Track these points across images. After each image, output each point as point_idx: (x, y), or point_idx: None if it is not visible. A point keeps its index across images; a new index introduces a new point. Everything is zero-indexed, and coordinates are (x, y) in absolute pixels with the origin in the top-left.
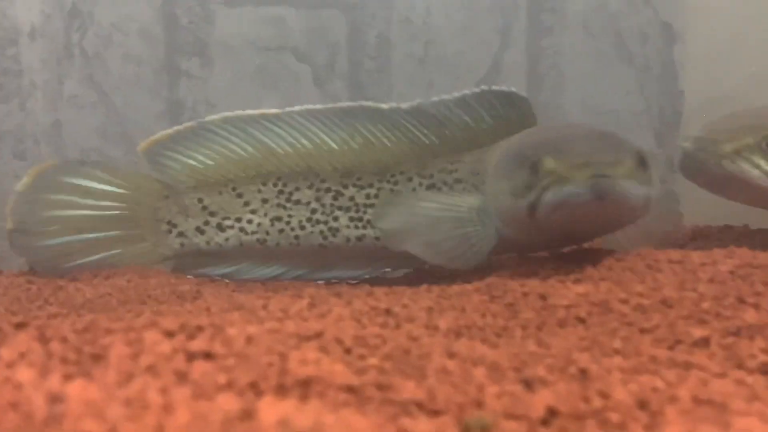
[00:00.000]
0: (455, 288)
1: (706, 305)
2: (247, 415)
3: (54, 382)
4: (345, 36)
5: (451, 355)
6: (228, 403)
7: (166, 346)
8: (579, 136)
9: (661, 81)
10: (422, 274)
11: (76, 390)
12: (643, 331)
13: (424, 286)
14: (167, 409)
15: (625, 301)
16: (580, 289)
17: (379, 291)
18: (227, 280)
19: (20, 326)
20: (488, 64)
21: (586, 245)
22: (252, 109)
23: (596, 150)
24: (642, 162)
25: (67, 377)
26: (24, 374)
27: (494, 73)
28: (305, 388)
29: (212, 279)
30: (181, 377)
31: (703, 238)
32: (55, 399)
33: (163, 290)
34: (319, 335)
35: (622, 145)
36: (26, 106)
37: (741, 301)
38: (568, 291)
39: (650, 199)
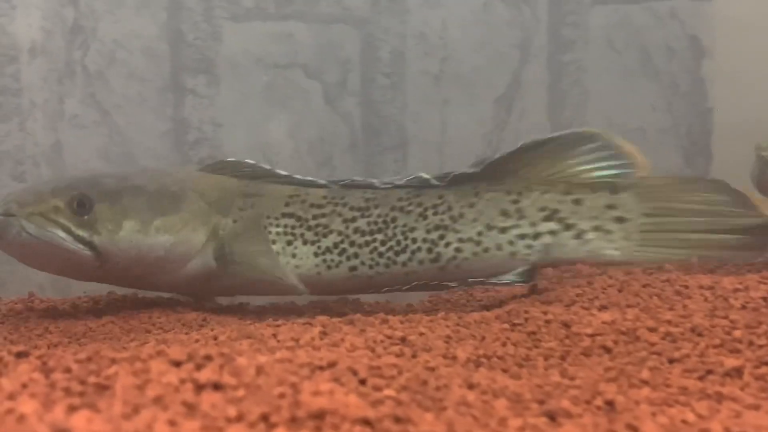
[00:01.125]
0: (474, 315)
1: (738, 333)
2: None
3: (58, 414)
4: (357, 52)
5: (471, 386)
6: None
7: (173, 377)
8: (51, 179)
9: (689, 97)
10: (439, 300)
11: (81, 422)
12: (672, 360)
13: (441, 314)
14: None
15: (653, 330)
16: (605, 316)
17: (394, 319)
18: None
19: (21, 355)
20: (508, 80)
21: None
22: (259, 128)
23: (26, 189)
24: (82, 205)
25: (72, 409)
26: (27, 406)
27: (514, 89)
28: (319, 420)
29: (218, 307)
30: (190, 409)
31: (736, 265)
32: None
33: (167, 318)
34: (332, 365)
35: (66, 186)
36: (26, 126)
37: None
38: (593, 318)
39: (92, 244)
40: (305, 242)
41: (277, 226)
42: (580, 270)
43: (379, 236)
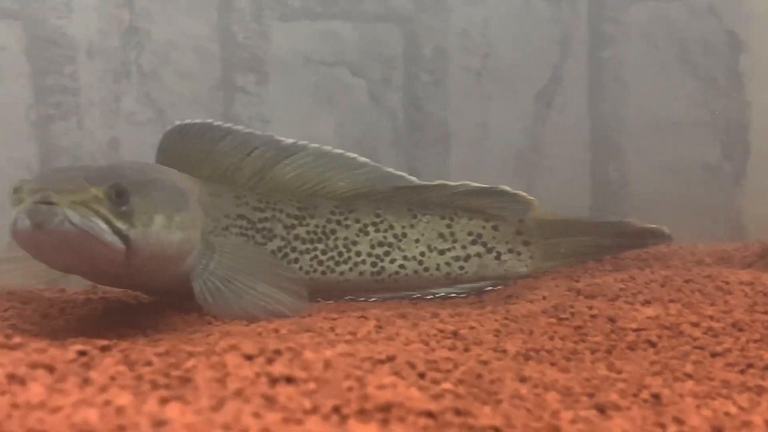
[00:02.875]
0: (521, 310)
1: None
2: None
3: (152, 405)
4: (401, 49)
5: (523, 379)
6: (319, 427)
7: (248, 371)
8: (72, 166)
9: (727, 92)
10: (482, 294)
11: (176, 414)
12: (714, 354)
13: (489, 308)
14: None
15: (696, 325)
16: (649, 311)
17: (444, 312)
18: None
19: (105, 349)
20: (548, 76)
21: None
22: (306, 124)
23: (62, 177)
24: (120, 196)
25: (164, 401)
26: (122, 398)
27: (554, 85)
28: (386, 413)
29: None
30: (270, 401)
31: None
32: (158, 423)
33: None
34: (391, 359)
35: (98, 176)
36: (84, 123)
37: None
38: (638, 314)
39: (126, 238)
40: (256, 244)
41: (234, 227)
42: (620, 263)
43: (320, 246)
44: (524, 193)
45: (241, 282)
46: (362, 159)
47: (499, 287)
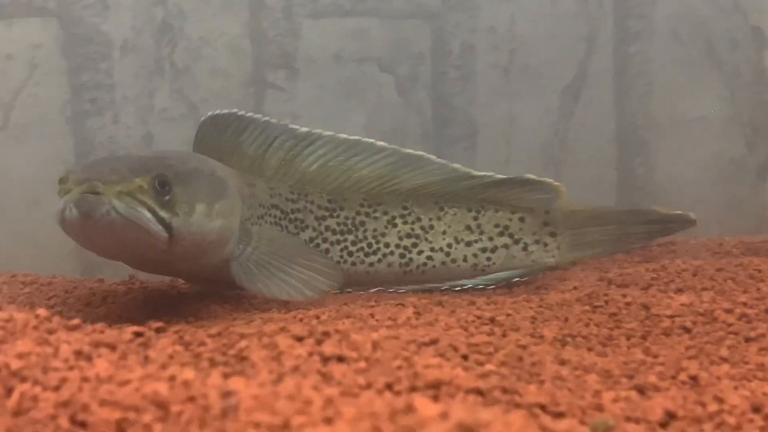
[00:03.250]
0: (555, 298)
1: None
2: (409, 408)
3: (216, 379)
4: (429, 46)
5: (563, 362)
6: (379, 400)
7: (301, 350)
8: (122, 156)
9: (752, 87)
10: (511, 286)
11: (241, 386)
12: (748, 339)
13: (522, 296)
14: (330, 403)
15: (729, 311)
16: (683, 299)
17: (480, 300)
18: None
19: (160, 330)
20: (574, 72)
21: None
22: (336, 120)
23: (107, 167)
24: (163, 186)
25: (226, 375)
26: (187, 373)
27: (580, 80)
28: (436, 390)
29: None
30: (325, 378)
31: None
32: (226, 394)
33: (258, 299)
34: (434, 342)
35: (145, 166)
36: (119, 119)
37: None
38: (672, 301)
39: (169, 226)
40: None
41: (269, 216)
42: (648, 254)
43: (350, 237)
44: (551, 180)
45: (279, 264)
46: (380, 143)
47: (527, 278)
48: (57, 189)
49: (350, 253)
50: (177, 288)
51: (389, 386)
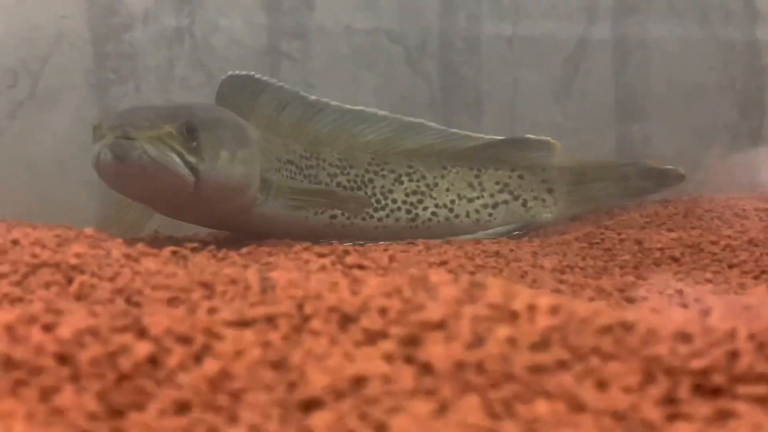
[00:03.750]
0: (555, 238)
1: None
2: (425, 277)
3: (254, 273)
4: (436, 17)
5: (561, 281)
6: (401, 278)
7: (325, 260)
8: (150, 106)
9: (744, 57)
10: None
11: (277, 275)
12: (732, 266)
13: (526, 238)
14: (355, 281)
15: (715, 243)
16: (673, 234)
17: (485, 240)
18: None
19: (195, 250)
20: (575, 42)
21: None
22: (348, 88)
23: (138, 115)
24: (191, 132)
25: (261, 272)
26: (228, 269)
27: (581, 50)
28: None
29: None
30: (347, 276)
31: None
32: (265, 279)
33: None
34: (444, 263)
35: (173, 114)
36: (141, 87)
37: None
38: (662, 236)
39: (196, 170)
40: None
41: (285, 170)
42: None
43: (360, 193)
44: (547, 138)
45: (301, 202)
46: (382, 113)
47: (526, 232)
48: (92, 136)
49: None
50: (201, 239)
51: (401, 289)
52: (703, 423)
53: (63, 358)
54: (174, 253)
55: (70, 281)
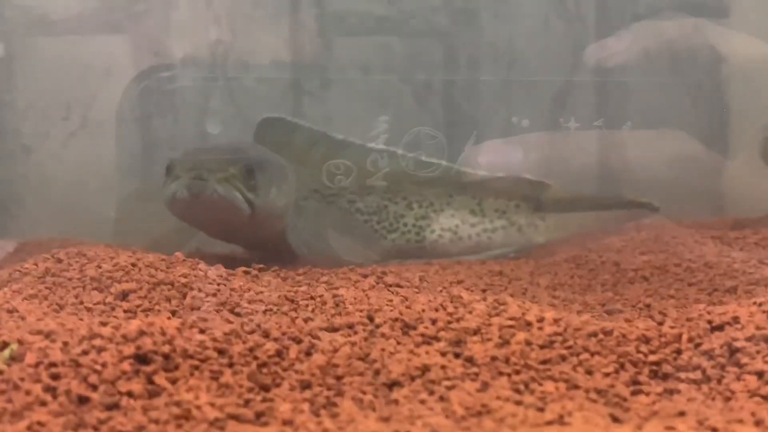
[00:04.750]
0: (547, 259)
1: (736, 266)
2: (458, 297)
3: (322, 291)
4: (441, 60)
5: (554, 297)
6: (440, 295)
7: (370, 280)
8: (211, 149)
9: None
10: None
11: (343, 291)
12: (690, 284)
13: (523, 259)
14: (405, 299)
15: (678, 265)
16: (644, 258)
17: (491, 262)
18: None
19: (262, 270)
20: (562, 81)
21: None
22: (362, 123)
23: (207, 159)
24: (249, 173)
25: (326, 289)
26: (302, 288)
27: (567, 90)
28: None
29: None
30: (396, 293)
31: (741, 226)
32: (335, 296)
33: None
34: (461, 282)
35: (234, 158)
36: (178, 120)
37: (761, 262)
38: (636, 259)
39: (252, 204)
40: None
41: (311, 197)
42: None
43: (375, 217)
44: (542, 179)
45: (326, 233)
46: (400, 151)
47: (521, 253)
48: (164, 175)
49: (375, 230)
50: (237, 255)
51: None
52: (656, 396)
53: (221, 351)
54: (246, 272)
55: (184, 296)
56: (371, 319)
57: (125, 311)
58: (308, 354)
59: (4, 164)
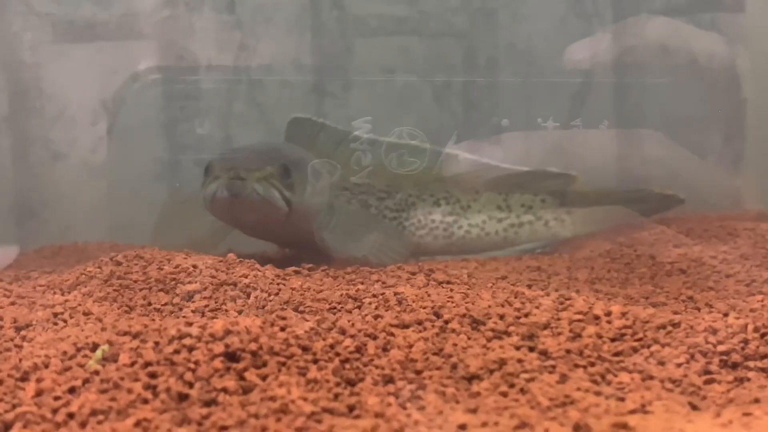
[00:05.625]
0: (581, 254)
1: None
2: (521, 292)
3: (380, 288)
4: (460, 60)
5: (596, 291)
6: (502, 291)
7: (420, 277)
8: (248, 149)
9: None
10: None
11: (402, 290)
12: (728, 276)
13: (556, 254)
14: (466, 296)
15: (714, 257)
16: (680, 250)
17: (526, 257)
18: None
19: (312, 269)
20: (580, 80)
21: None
22: (384, 123)
23: (244, 159)
24: (286, 172)
25: (389, 287)
26: (358, 287)
27: (586, 88)
28: (522, 296)
29: None
30: (453, 291)
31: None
32: (396, 293)
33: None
34: (504, 278)
35: (271, 157)
36: (203, 124)
37: None
38: (671, 252)
39: (289, 202)
40: None
41: (342, 195)
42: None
43: (404, 214)
44: (567, 172)
45: (358, 232)
46: (424, 145)
47: (548, 248)
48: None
49: (404, 228)
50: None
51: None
52: (728, 385)
53: (304, 348)
54: (296, 272)
55: (248, 296)
56: (438, 315)
57: (193, 311)
58: (385, 350)
59: (34, 170)
